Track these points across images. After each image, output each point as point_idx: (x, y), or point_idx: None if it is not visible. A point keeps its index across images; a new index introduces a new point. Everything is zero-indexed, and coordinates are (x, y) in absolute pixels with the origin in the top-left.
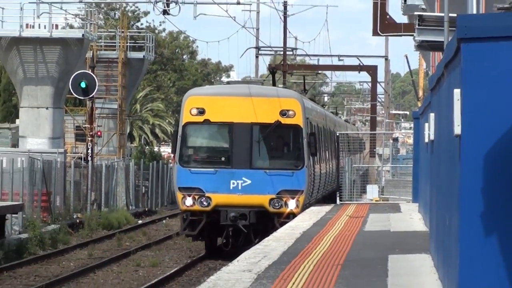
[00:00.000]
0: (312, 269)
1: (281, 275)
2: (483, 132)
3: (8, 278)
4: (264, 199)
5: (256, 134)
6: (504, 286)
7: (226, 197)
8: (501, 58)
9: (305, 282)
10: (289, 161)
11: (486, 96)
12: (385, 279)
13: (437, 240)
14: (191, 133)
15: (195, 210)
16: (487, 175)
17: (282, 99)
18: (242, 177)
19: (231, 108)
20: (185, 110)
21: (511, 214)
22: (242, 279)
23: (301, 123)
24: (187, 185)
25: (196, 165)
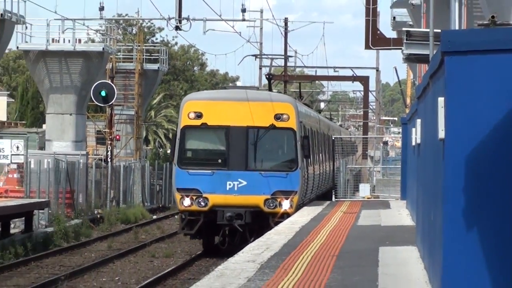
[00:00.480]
0: (310, 259)
1: (282, 265)
2: (464, 136)
3: (35, 267)
4: (259, 200)
5: (251, 137)
6: (483, 275)
7: (222, 197)
8: (481, 69)
9: (303, 272)
10: (283, 163)
11: (467, 104)
12: (376, 269)
13: (423, 233)
14: (189, 136)
15: (193, 210)
16: (468, 175)
17: (277, 104)
18: (238, 178)
19: (228, 112)
20: (183, 114)
21: (490, 210)
22: (246, 268)
23: (295, 127)
24: (185, 186)
25: (194, 167)
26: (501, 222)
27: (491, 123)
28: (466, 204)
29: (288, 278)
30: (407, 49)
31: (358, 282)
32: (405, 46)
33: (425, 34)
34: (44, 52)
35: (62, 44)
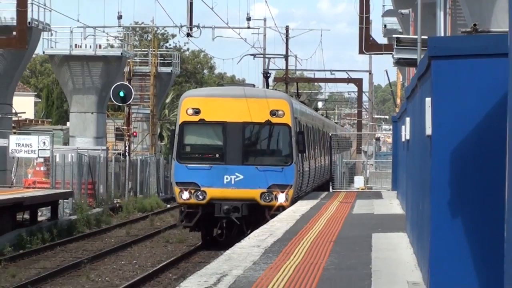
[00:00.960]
0: (309, 245)
1: (284, 250)
2: (449, 133)
3: (60, 251)
4: (255, 193)
5: (248, 132)
6: (468, 259)
7: (220, 191)
8: (464, 72)
9: (303, 256)
10: (278, 157)
11: (452, 103)
12: (370, 253)
13: (412, 221)
14: (187, 131)
15: (191, 203)
16: (453, 168)
17: (272, 100)
18: (235, 172)
19: (225, 108)
20: (182, 110)
21: (473, 200)
22: (252, 253)
23: (290, 122)
24: (184, 180)
25: (192, 161)
26: (483, 210)
27: (473, 121)
28: (451, 195)
29: (289, 261)
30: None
31: (353, 265)
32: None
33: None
34: (68, 56)
35: (84, 49)
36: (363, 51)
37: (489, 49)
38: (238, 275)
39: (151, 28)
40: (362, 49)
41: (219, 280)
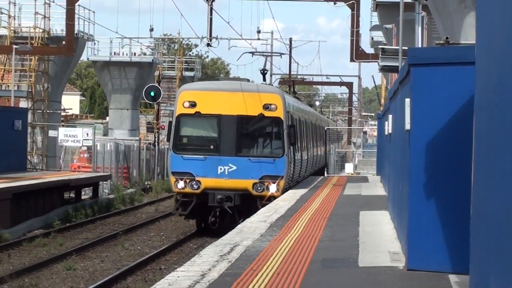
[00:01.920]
0: (307, 220)
1: (286, 224)
2: (425, 128)
3: (100, 225)
4: (248, 183)
5: (241, 125)
6: (438, 231)
7: (214, 181)
8: (437, 77)
9: (302, 229)
10: (270, 149)
11: (427, 103)
12: (357, 228)
13: (393, 201)
14: (183, 123)
15: (186, 192)
16: (427, 157)
17: (265, 94)
18: (228, 163)
19: (220, 102)
20: (179, 103)
21: (444, 183)
22: (259, 227)
23: (282, 116)
24: (179, 170)
25: (187, 152)
26: (453, 192)
27: (445, 118)
28: (426, 179)
29: (290, 234)
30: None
31: (343, 237)
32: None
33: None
34: (108, 62)
35: (121, 57)
36: (354, 59)
37: (459, 58)
38: (248, 245)
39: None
40: (353, 58)
41: (232, 249)
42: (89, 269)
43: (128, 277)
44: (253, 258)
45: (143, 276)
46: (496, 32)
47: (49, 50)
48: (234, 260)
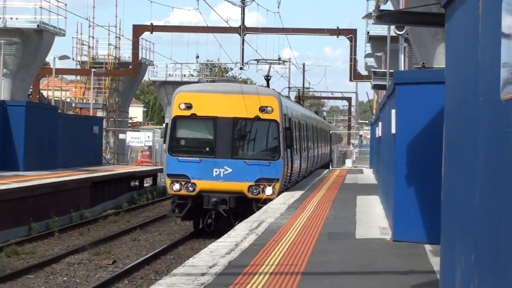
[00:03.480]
0: (316, 203)
1: (300, 206)
2: (406, 132)
3: (158, 206)
4: (243, 186)
5: (237, 127)
6: (416, 211)
7: (209, 183)
8: (416, 93)
9: (313, 210)
10: (266, 152)
11: (408, 113)
12: (355, 208)
13: (382, 188)
14: (179, 125)
15: (181, 194)
16: (408, 154)
17: (262, 97)
18: (224, 166)
19: (216, 104)
20: (175, 105)
21: (420, 174)
22: (280, 208)
23: (278, 119)
24: (175, 172)
25: (183, 154)
26: (428, 181)
27: (422, 125)
28: (407, 171)
29: (304, 213)
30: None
31: (344, 216)
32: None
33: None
34: (164, 82)
35: (175, 77)
36: (352, 80)
37: (432, 79)
38: (271, 222)
39: (217, 64)
40: (351, 78)
41: (259, 225)
42: (150, 240)
43: (179, 246)
44: (275, 232)
45: (191, 246)
46: (460, 60)
47: (119, 72)
48: (261, 233)
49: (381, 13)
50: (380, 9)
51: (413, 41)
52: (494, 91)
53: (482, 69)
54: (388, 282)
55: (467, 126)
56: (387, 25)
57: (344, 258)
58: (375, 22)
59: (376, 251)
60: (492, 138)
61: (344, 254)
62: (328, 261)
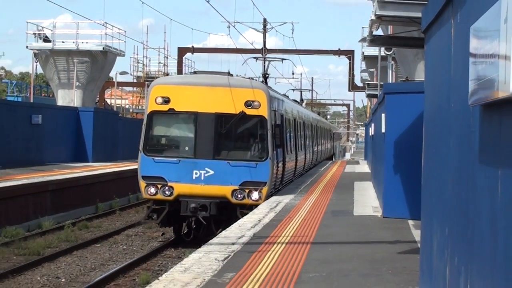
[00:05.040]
0: (322, 188)
1: (310, 190)
2: (393, 131)
3: None
4: (226, 190)
5: (220, 124)
6: (401, 194)
7: (188, 187)
8: (401, 101)
9: (319, 193)
10: (253, 152)
11: (395, 116)
12: (353, 192)
13: (375, 175)
14: (155, 122)
15: (157, 199)
16: (395, 149)
17: (248, 90)
18: (205, 167)
19: (196, 98)
20: (151, 99)
21: (405, 164)
22: (289, 195)
23: (266, 115)
24: (150, 173)
25: (159, 154)
26: (410, 170)
27: (405, 126)
28: (394, 162)
29: (312, 195)
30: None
31: (345, 197)
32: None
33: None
34: None
35: None
36: (350, 90)
37: (414, 89)
38: (286, 202)
39: None
40: (350, 89)
41: (277, 205)
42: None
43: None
44: (289, 210)
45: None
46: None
47: None
48: (279, 211)
49: (374, 37)
50: (373, 34)
51: (399, 59)
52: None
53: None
54: (380, 249)
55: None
56: (378, 47)
57: (344, 231)
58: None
59: (370, 225)
60: (461, 135)
61: (344, 227)
62: (332, 233)
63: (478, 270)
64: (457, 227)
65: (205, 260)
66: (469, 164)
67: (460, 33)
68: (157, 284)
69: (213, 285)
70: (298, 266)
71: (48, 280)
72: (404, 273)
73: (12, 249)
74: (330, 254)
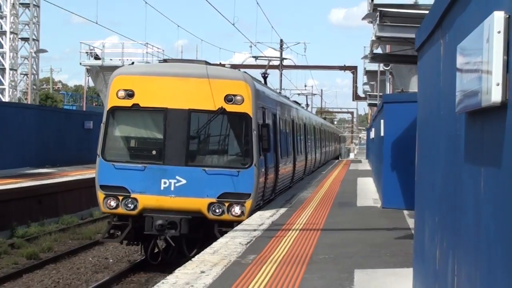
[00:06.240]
0: (330, 183)
1: (319, 184)
2: (391, 135)
3: None
4: (201, 204)
5: (194, 123)
6: (397, 188)
7: (155, 199)
8: (397, 109)
9: (328, 187)
10: (234, 157)
11: (392, 122)
12: (356, 186)
13: (374, 172)
14: (116, 120)
15: (119, 213)
16: (392, 149)
17: (228, 82)
18: (175, 175)
19: (166, 91)
20: (111, 92)
21: (401, 163)
22: (306, 186)
23: (251, 112)
24: (110, 183)
25: (121, 159)
26: (405, 167)
27: (401, 130)
28: (391, 160)
29: (322, 189)
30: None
31: (349, 190)
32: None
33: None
34: None
35: None
36: (354, 100)
37: (409, 99)
38: (300, 194)
39: None
40: (353, 99)
41: (292, 197)
42: None
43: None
44: (302, 201)
45: None
46: (428, 86)
47: None
48: (293, 203)
49: (374, 55)
50: (373, 53)
51: (395, 73)
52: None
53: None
54: (379, 235)
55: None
56: (378, 63)
57: (349, 219)
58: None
59: (371, 215)
60: (449, 138)
61: (349, 216)
62: (338, 221)
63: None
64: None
65: (231, 244)
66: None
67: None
68: (191, 264)
69: (237, 265)
70: (310, 249)
71: (98, 261)
72: (400, 255)
73: (68, 234)
74: (337, 239)
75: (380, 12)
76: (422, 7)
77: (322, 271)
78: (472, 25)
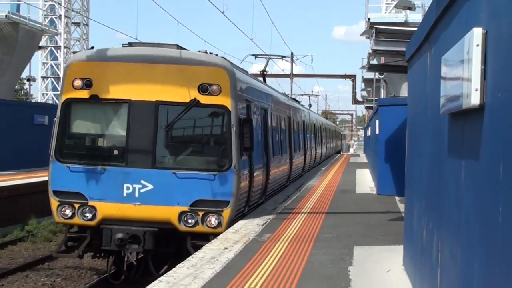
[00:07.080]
0: (333, 174)
1: (324, 174)
2: (385, 133)
3: None
4: (171, 213)
5: (163, 118)
6: (390, 177)
7: (117, 207)
8: (390, 112)
9: (331, 177)
10: (210, 158)
11: (386, 123)
12: (355, 176)
13: (372, 165)
14: (72, 114)
15: (74, 224)
16: (386, 146)
17: (203, 69)
18: (140, 179)
19: (130, 80)
20: (66, 82)
21: (394, 157)
22: (312, 176)
23: (229, 104)
24: (64, 188)
25: (77, 160)
26: (397, 160)
27: (393, 129)
28: (385, 155)
29: (326, 179)
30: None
31: (349, 180)
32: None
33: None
34: None
35: None
36: (353, 103)
37: (400, 103)
38: (307, 183)
39: None
40: (353, 102)
41: (301, 186)
42: None
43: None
44: (309, 189)
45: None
46: (416, 91)
47: None
48: (302, 190)
49: (371, 65)
50: (370, 63)
51: (389, 81)
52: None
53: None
54: (375, 217)
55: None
56: (374, 72)
57: (349, 204)
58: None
59: (368, 200)
60: (434, 135)
61: (349, 202)
62: (340, 206)
63: (446, 232)
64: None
65: (250, 225)
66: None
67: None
68: (216, 241)
69: (255, 243)
70: (316, 228)
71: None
72: (392, 234)
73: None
74: (339, 220)
75: (376, 29)
76: (411, 25)
77: (326, 247)
78: (454, 40)
